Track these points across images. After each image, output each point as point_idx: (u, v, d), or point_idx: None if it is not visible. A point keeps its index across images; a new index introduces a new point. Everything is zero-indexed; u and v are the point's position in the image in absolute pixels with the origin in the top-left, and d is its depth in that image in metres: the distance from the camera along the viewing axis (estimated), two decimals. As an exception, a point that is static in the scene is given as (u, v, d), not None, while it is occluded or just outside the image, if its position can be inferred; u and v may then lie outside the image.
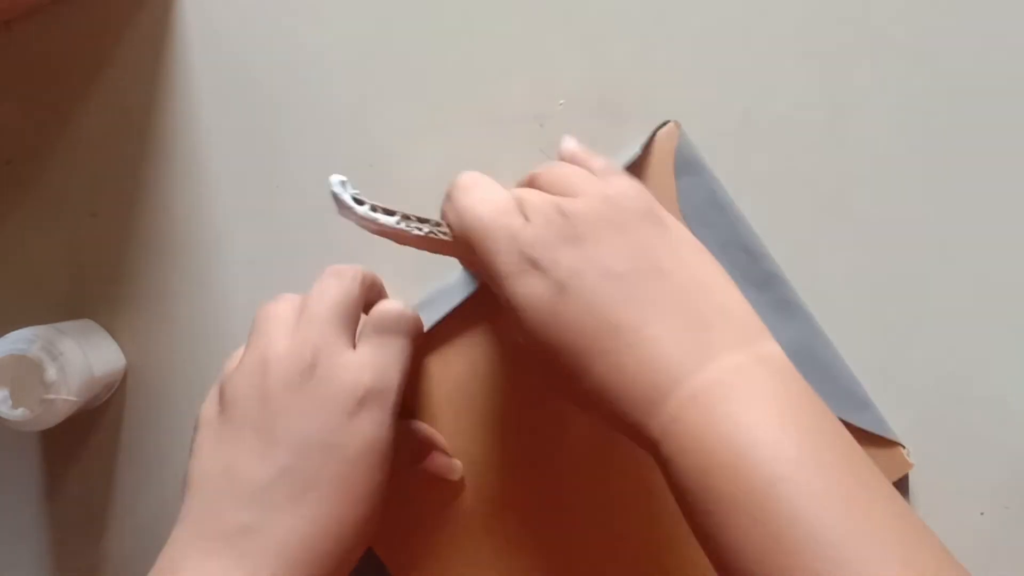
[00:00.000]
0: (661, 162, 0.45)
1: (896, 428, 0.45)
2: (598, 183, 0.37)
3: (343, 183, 0.37)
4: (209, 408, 0.38)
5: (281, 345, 0.37)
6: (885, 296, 0.46)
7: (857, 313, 0.45)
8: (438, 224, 0.38)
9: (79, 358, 0.41)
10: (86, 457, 0.46)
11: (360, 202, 0.37)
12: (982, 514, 0.45)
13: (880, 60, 0.45)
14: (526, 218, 0.35)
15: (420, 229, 0.38)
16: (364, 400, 0.37)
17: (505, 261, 0.35)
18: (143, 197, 0.46)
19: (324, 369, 0.37)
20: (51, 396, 0.40)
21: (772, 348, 0.34)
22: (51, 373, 0.40)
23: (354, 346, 0.38)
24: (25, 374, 0.39)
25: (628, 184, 0.37)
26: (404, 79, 0.46)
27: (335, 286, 0.39)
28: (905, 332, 0.45)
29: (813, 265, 0.45)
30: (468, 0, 0.45)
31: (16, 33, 0.46)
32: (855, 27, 0.45)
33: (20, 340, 0.40)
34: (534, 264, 0.34)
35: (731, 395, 0.31)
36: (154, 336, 0.46)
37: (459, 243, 0.37)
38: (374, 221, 0.37)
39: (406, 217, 0.38)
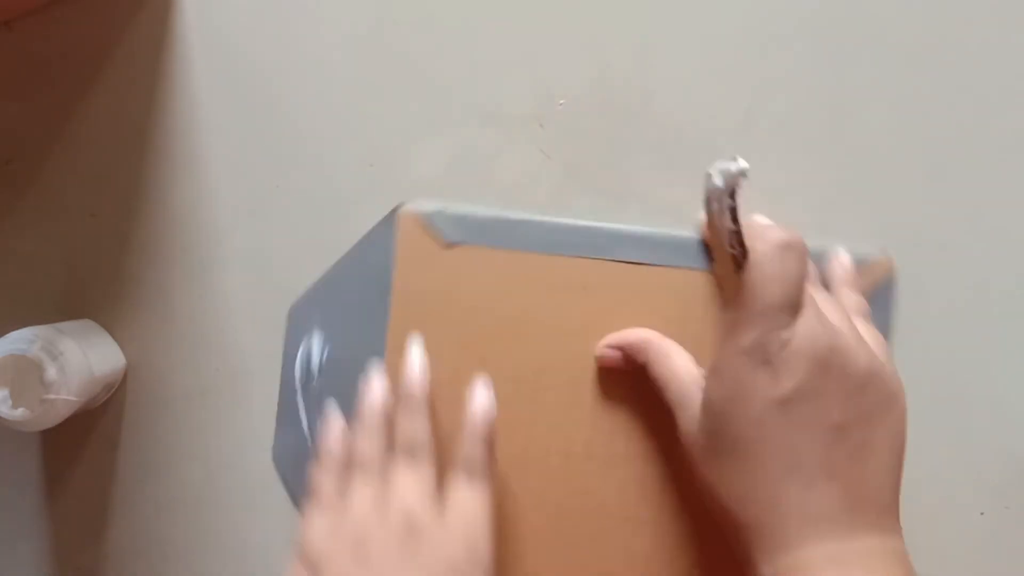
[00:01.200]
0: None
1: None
2: (859, 330, 0.38)
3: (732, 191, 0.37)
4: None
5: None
6: (885, 296, 0.46)
7: (857, 313, 0.45)
8: (741, 248, 0.37)
9: (79, 358, 0.41)
10: (86, 457, 0.46)
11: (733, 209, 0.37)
12: (982, 514, 0.45)
13: (880, 60, 0.45)
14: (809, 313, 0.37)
15: (731, 237, 0.37)
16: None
17: (754, 335, 0.36)
18: (143, 197, 0.46)
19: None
20: (51, 396, 0.39)
21: (901, 545, 0.37)
22: (51, 373, 0.39)
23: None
24: (25, 374, 0.39)
25: (883, 354, 0.39)
26: (404, 79, 0.46)
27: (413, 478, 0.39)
28: (905, 332, 0.45)
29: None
30: (468, 0, 0.45)
31: (16, 33, 0.46)
32: (856, 27, 0.45)
33: (20, 340, 0.40)
34: (771, 359, 0.36)
35: (865, 570, 0.35)
36: (154, 336, 0.46)
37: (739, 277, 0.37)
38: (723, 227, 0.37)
39: (733, 232, 0.37)
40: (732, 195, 0.37)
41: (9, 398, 0.39)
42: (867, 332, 0.40)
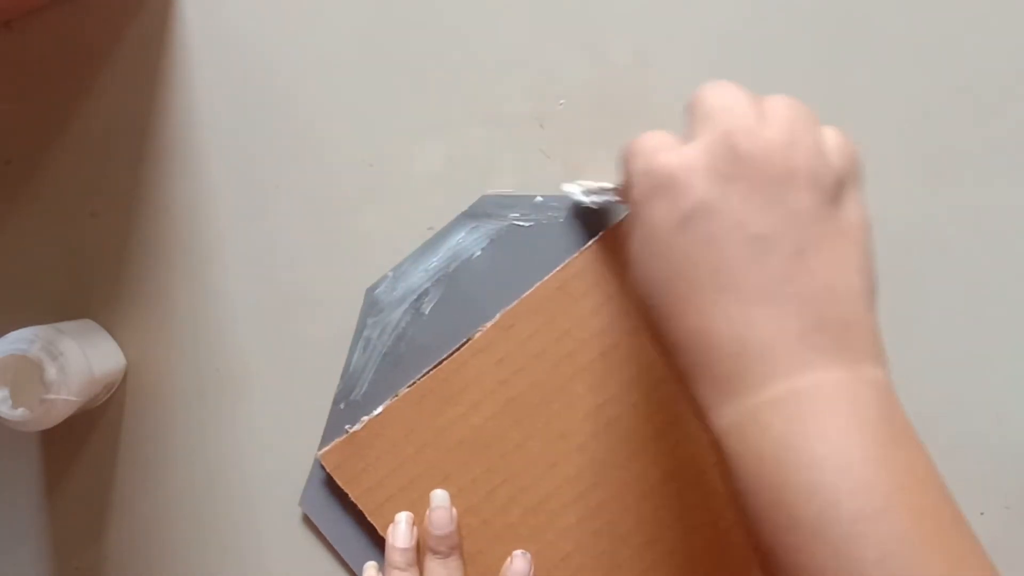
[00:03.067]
0: None
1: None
2: (796, 116, 0.32)
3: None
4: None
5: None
6: (884, 295, 0.46)
7: (857, 313, 0.45)
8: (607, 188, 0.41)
9: (79, 358, 0.41)
10: (86, 457, 0.46)
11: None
12: (982, 514, 0.45)
13: (880, 60, 0.45)
14: (693, 135, 0.32)
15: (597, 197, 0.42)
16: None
17: (642, 181, 0.32)
18: (143, 197, 0.46)
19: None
20: (51, 396, 0.39)
21: (878, 373, 0.31)
22: (51, 373, 0.39)
23: None
24: (25, 374, 0.39)
25: (835, 151, 0.32)
26: (404, 79, 0.46)
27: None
28: (905, 331, 0.45)
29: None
30: (468, 0, 0.45)
31: (16, 33, 0.46)
32: (855, 27, 0.45)
33: (20, 340, 0.40)
34: (670, 185, 0.31)
35: (824, 411, 0.29)
36: (154, 336, 0.46)
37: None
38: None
39: (592, 192, 0.42)
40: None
41: (9, 398, 0.39)
42: (834, 137, 0.33)
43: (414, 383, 0.44)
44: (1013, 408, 0.45)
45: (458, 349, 0.44)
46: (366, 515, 0.44)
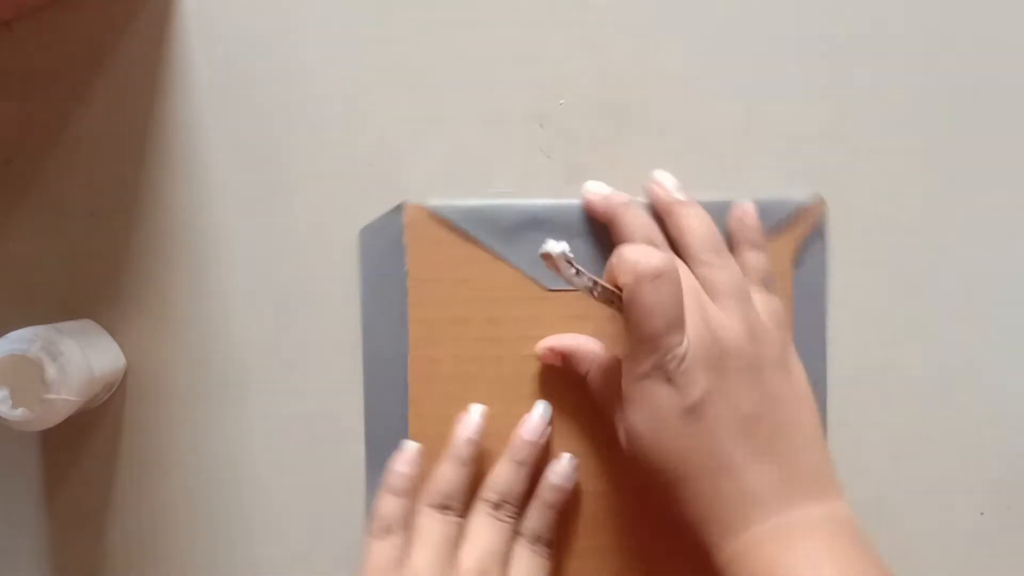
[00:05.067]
0: (790, 236, 0.45)
1: (896, 427, 0.45)
2: (744, 306, 0.40)
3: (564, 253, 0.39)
4: None
5: None
6: (884, 295, 0.46)
7: (856, 312, 0.45)
8: (611, 294, 0.40)
9: (79, 358, 0.41)
10: (86, 457, 0.46)
11: (569, 263, 0.39)
12: (982, 514, 0.45)
13: (880, 60, 0.45)
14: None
15: (595, 291, 0.39)
16: None
17: (650, 362, 0.38)
18: (143, 197, 0.46)
19: None
20: (51, 396, 0.39)
21: (844, 506, 0.39)
22: (51, 373, 0.39)
23: None
24: (25, 374, 0.39)
25: (771, 321, 0.41)
26: (404, 79, 0.46)
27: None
28: (905, 331, 0.45)
29: (813, 265, 0.45)
30: (468, 0, 0.45)
31: (16, 33, 0.46)
32: (855, 27, 0.45)
33: (20, 340, 0.40)
34: (671, 376, 0.38)
35: (807, 539, 0.37)
36: (154, 336, 0.46)
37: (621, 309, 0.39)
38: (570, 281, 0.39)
39: (592, 287, 0.39)
40: (569, 262, 0.38)
41: (9, 398, 0.39)
42: (763, 304, 0.41)
43: None
44: (1013, 408, 0.45)
45: None
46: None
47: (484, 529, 0.42)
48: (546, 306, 0.45)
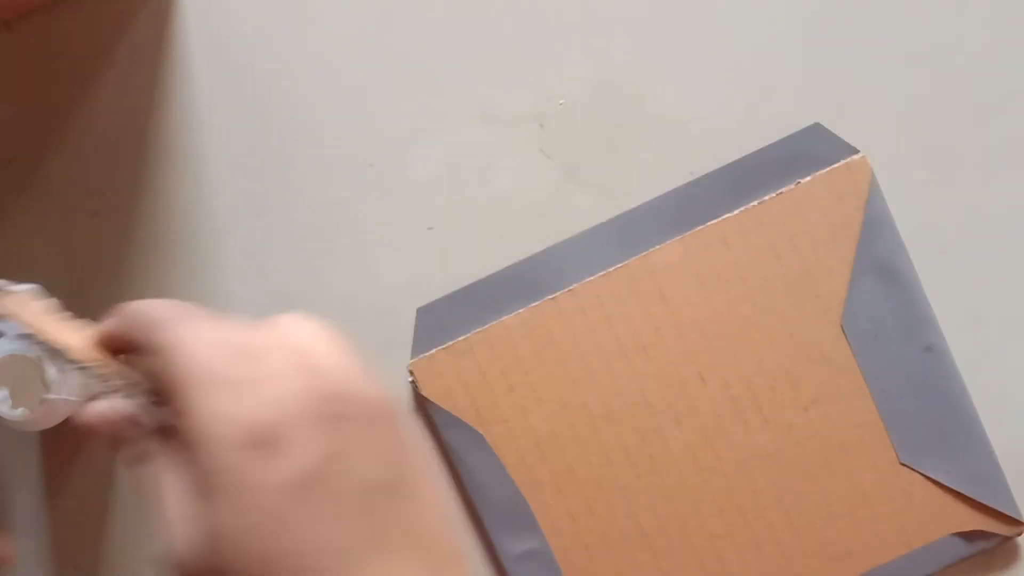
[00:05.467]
0: (849, 197, 0.44)
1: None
2: (272, 330, 0.30)
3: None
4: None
5: None
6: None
7: (857, 313, 0.45)
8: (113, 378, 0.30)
9: None
10: (86, 457, 0.46)
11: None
12: (982, 514, 0.45)
13: (880, 59, 0.45)
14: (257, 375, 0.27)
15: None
16: None
17: (232, 433, 0.25)
18: (143, 197, 0.46)
19: None
20: (51, 396, 0.39)
21: None
22: (51, 373, 0.39)
23: None
24: (25, 374, 0.39)
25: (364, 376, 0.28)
26: (404, 79, 0.46)
27: None
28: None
29: (813, 265, 0.45)
30: (468, 0, 0.45)
31: (16, 33, 0.46)
32: (855, 27, 0.45)
33: (20, 340, 0.40)
34: (272, 443, 0.25)
35: None
36: (154, 336, 0.46)
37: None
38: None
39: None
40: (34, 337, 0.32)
41: (9, 398, 0.39)
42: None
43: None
44: (1013, 408, 0.45)
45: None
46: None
47: None
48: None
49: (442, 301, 0.45)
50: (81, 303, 0.46)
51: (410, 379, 0.45)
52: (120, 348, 0.31)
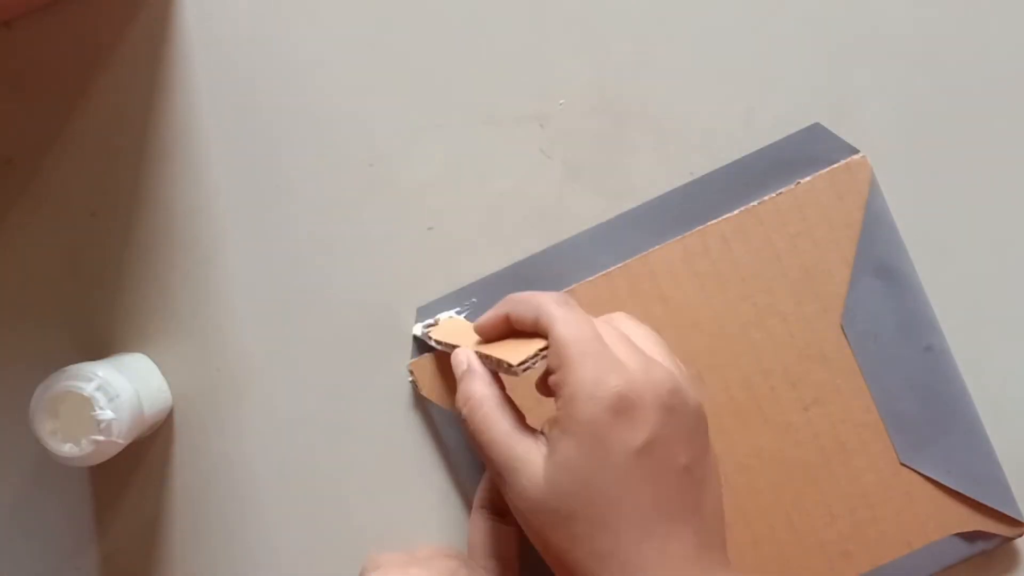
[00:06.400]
0: (849, 196, 0.44)
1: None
2: (690, 384, 0.37)
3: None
4: None
5: None
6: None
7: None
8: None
9: (133, 401, 0.40)
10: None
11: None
12: (982, 514, 0.45)
13: (880, 60, 0.45)
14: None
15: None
16: None
17: (603, 396, 0.34)
18: (143, 197, 0.46)
19: None
20: (100, 438, 0.39)
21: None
22: (106, 415, 0.39)
23: None
24: (79, 411, 0.39)
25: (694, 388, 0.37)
26: (404, 79, 0.46)
27: None
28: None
29: (813, 265, 0.45)
30: (468, 0, 0.45)
31: (16, 33, 0.46)
32: (855, 27, 0.45)
33: (79, 377, 0.39)
34: (627, 409, 0.34)
35: None
36: (154, 336, 0.46)
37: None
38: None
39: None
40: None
41: (59, 432, 0.39)
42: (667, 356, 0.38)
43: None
44: (1013, 408, 0.45)
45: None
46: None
47: None
48: None
49: (442, 301, 0.45)
50: (81, 303, 0.46)
51: (410, 379, 0.45)
52: (506, 331, 0.39)
